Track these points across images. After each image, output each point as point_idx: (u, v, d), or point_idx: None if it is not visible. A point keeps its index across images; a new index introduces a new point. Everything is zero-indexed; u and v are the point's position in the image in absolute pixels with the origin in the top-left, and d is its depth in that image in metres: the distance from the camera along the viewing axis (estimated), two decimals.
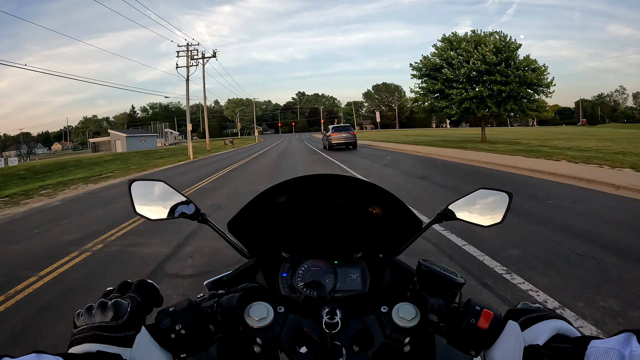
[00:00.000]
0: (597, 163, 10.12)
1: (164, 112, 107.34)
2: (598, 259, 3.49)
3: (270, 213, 0.86)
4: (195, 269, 3.74)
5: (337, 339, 0.60)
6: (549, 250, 3.81)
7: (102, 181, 13.24)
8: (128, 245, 4.67)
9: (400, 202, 0.82)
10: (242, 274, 0.81)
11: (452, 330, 0.58)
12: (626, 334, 0.41)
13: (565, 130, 46.55)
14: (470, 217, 0.85)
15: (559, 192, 6.99)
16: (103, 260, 4.20)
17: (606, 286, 2.91)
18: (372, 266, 0.84)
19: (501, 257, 3.60)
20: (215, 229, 0.84)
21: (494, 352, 0.54)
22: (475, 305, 0.57)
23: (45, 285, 3.56)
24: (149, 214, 0.82)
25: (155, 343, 0.52)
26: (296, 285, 0.78)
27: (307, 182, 0.82)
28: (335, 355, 0.57)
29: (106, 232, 5.38)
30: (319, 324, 0.62)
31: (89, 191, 10.79)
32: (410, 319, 0.60)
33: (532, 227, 4.59)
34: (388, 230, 0.87)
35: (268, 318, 0.59)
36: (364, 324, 0.64)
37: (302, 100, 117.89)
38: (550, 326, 0.50)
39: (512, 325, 0.53)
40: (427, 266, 0.63)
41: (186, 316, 0.55)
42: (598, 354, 0.41)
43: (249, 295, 0.62)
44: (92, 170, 18.98)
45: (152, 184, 0.84)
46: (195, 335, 0.54)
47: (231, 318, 0.58)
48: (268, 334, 0.59)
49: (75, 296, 3.24)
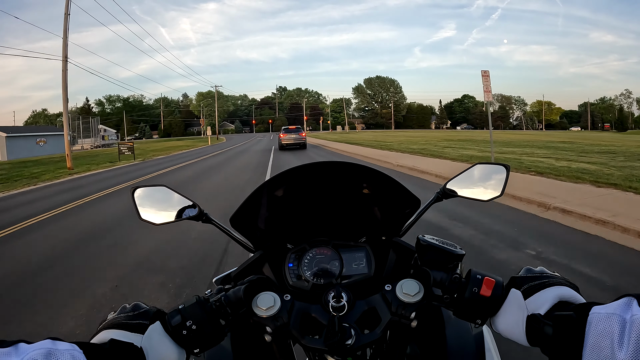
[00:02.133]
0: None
1: (125, 106, 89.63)
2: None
3: (271, 205, 0.86)
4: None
5: (345, 321, 0.61)
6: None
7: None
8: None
9: (397, 183, 0.81)
10: (248, 268, 0.81)
11: (456, 301, 0.59)
12: (627, 298, 0.41)
13: (602, 137, 33.85)
14: (470, 193, 0.87)
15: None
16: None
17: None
18: (376, 249, 0.84)
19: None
20: (219, 227, 0.86)
21: (498, 321, 0.55)
22: (477, 274, 0.58)
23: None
24: (154, 218, 0.84)
25: (168, 337, 0.54)
26: (303, 275, 0.79)
27: (305, 171, 0.82)
28: (344, 337, 0.58)
29: None
30: (326, 308, 0.63)
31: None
32: (414, 294, 0.61)
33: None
34: (388, 211, 0.88)
35: (275, 307, 0.60)
36: (370, 304, 0.65)
37: (283, 96, 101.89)
38: (553, 294, 0.51)
39: (514, 294, 0.54)
40: (426, 241, 0.64)
41: (195, 312, 0.56)
42: (600, 320, 0.41)
43: (255, 286, 0.63)
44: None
45: (155, 190, 0.86)
46: (206, 329, 0.56)
47: (239, 310, 0.59)
48: (277, 322, 0.60)
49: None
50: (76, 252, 4.42)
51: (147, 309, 0.56)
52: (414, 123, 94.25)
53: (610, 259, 3.54)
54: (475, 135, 39.19)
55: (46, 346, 0.40)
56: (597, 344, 0.41)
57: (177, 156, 22.64)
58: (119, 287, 3.32)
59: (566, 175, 7.87)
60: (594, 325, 0.42)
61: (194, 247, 4.31)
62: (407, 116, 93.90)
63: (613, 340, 0.39)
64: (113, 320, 0.53)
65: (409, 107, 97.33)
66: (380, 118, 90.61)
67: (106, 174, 14.04)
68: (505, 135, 36.85)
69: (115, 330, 0.51)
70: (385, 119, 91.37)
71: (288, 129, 23.63)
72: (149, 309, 0.56)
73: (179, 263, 3.83)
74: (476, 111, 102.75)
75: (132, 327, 0.52)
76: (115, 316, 0.54)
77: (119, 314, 0.54)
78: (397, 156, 14.73)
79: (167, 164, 17.25)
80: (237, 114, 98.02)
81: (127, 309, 0.56)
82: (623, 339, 0.38)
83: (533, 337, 0.49)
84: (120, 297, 3.11)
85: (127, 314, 0.54)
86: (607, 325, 0.40)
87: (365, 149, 19.91)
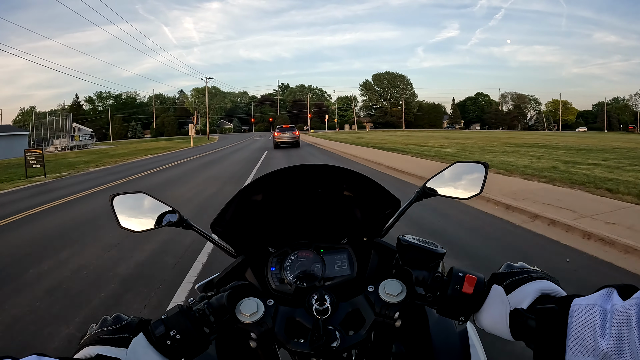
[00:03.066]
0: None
1: (118, 103, 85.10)
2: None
3: (251, 209, 0.85)
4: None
5: (329, 323, 0.61)
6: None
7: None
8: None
9: (376, 184, 0.82)
10: (231, 273, 0.81)
11: (439, 299, 0.59)
12: (607, 289, 0.43)
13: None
14: (450, 192, 0.88)
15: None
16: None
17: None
18: (357, 250, 0.84)
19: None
20: (200, 233, 0.86)
21: (482, 317, 0.55)
22: (458, 271, 0.58)
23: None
24: (134, 226, 0.83)
25: (152, 349, 0.53)
26: (286, 278, 0.79)
27: (284, 174, 0.81)
28: (329, 340, 0.59)
29: None
30: (310, 311, 0.63)
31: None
32: (397, 294, 0.61)
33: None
34: (369, 212, 0.88)
35: (259, 312, 0.60)
36: (353, 305, 0.65)
37: (285, 93, 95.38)
38: (534, 288, 0.52)
39: (496, 289, 0.54)
40: (407, 240, 0.65)
41: (179, 321, 0.56)
42: (581, 311, 0.42)
43: (238, 292, 0.63)
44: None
45: (134, 197, 0.85)
46: (190, 338, 0.55)
47: (223, 317, 0.59)
48: (261, 328, 0.60)
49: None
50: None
51: (129, 320, 0.55)
52: (424, 122, 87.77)
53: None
54: (519, 136, 32.62)
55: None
56: (579, 334, 0.41)
57: (131, 165, 16.96)
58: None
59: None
60: (576, 317, 0.43)
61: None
62: (417, 115, 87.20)
63: (595, 330, 0.40)
64: (95, 335, 0.52)
65: (419, 105, 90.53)
66: (390, 117, 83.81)
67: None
68: (554, 137, 30.24)
69: (99, 346, 0.50)
70: (395, 117, 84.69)
71: (282, 127, 24.32)
72: (130, 320, 0.55)
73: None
74: (491, 110, 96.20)
75: (115, 341, 0.51)
76: (98, 331, 0.53)
77: (101, 328, 0.53)
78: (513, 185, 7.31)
79: (91, 182, 11.52)
80: (236, 111, 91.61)
81: (108, 321, 0.54)
82: (605, 329, 0.39)
83: (517, 331, 0.50)
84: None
85: (109, 327, 0.53)
86: (589, 315, 0.41)
87: (410, 161, 12.97)
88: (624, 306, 0.39)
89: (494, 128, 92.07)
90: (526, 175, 8.44)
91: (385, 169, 11.48)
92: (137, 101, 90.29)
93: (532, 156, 13.17)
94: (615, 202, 5.53)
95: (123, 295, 3.19)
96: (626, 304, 0.39)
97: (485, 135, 38.91)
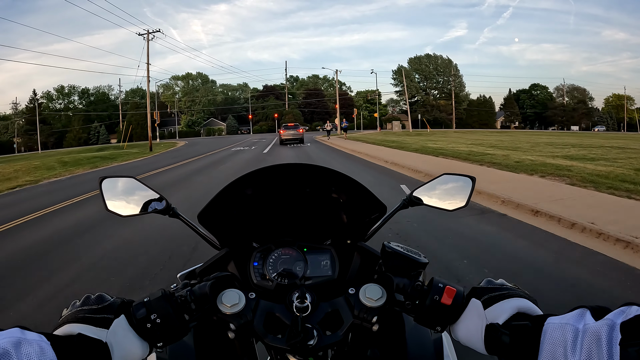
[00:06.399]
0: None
1: (87, 102, 69.58)
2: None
3: (239, 203, 0.88)
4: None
5: (308, 322, 0.64)
6: None
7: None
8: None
9: (364, 188, 0.85)
10: (214, 265, 0.83)
11: (417, 308, 0.61)
12: (580, 309, 0.45)
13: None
14: (436, 202, 0.91)
15: None
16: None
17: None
18: (340, 252, 0.88)
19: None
20: (185, 222, 0.89)
21: (458, 329, 0.57)
22: (439, 282, 0.60)
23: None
24: (120, 210, 0.86)
25: (132, 331, 0.55)
26: (267, 274, 0.82)
27: (274, 171, 0.85)
28: (307, 337, 0.61)
29: None
30: (290, 308, 0.66)
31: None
32: (377, 299, 0.64)
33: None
34: (354, 216, 0.91)
35: (240, 304, 0.63)
36: (333, 306, 0.68)
37: (295, 86, 75.47)
38: (512, 305, 0.53)
39: (474, 303, 0.56)
40: (391, 247, 0.67)
41: (161, 306, 0.56)
42: (554, 329, 0.45)
43: (221, 283, 0.65)
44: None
45: (123, 181, 0.88)
46: (171, 324, 0.56)
47: (204, 306, 0.61)
48: (241, 320, 0.62)
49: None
50: None
51: (111, 301, 0.56)
52: (474, 121, 66.80)
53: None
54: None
55: (15, 335, 0.41)
56: (551, 351, 0.43)
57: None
58: None
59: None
60: (549, 334, 0.44)
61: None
62: (467, 110, 65.98)
63: (566, 348, 0.42)
64: (77, 313, 0.53)
65: (469, 100, 69.51)
66: (439, 112, 62.46)
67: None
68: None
69: (80, 324, 0.51)
70: (445, 113, 63.27)
71: (287, 125, 26.41)
72: (113, 301, 0.56)
73: None
74: (556, 105, 75.04)
75: (96, 321, 0.52)
76: (80, 309, 0.54)
77: (82, 306, 0.54)
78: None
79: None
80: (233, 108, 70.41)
81: (91, 300, 0.55)
82: (576, 347, 0.41)
83: (491, 345, 0.51)
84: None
85: (92, 307, 0.54)
86: (561, 334, 0.43)
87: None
88: (595, 326, 0.41)
89: (562, 127, 71.12)
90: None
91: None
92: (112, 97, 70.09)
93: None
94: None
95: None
96: (597, 324, 0.41)
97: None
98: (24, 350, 0.40)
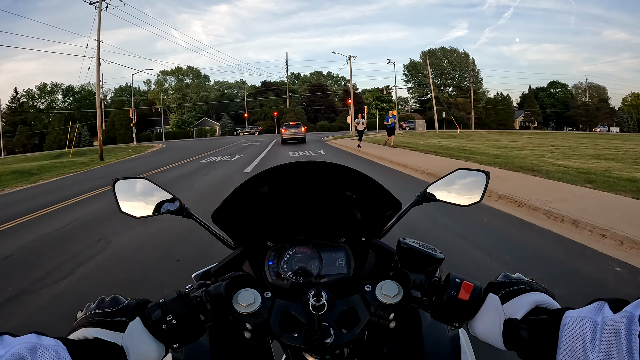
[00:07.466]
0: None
1: (72, 100, 63.51)
2: None
3: (253, 202, 0.88)
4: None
5: (324, 320, 0.63)
6: None
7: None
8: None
9: (378, 185, 0.85)
10: (228, 264, 0.83)
11: (434, 304, 0.61)
12: (599, 302, 0.45)
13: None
14: (450, 198, 0.90)
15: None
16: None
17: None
18: (355, 250, 0.87)
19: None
20: (199, 223, 0.89)
21: (475, 325, 0.57)
22: (455, 278, 0.60)
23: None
24: (134, 211, 0.86)
25: (148, 333, 0.55)
26: (282, 273, 0.82)
27: (288, 170, 0.85)
28: (323, 336, 0.60)
29: None
30: (306, 306, 0.65)
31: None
32: (394, 296, 0.63)
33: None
34: (369, 213, 0.91)
35: (256, 303, 0.62)
36: (349, 304, 0.67)
37: (297, 83, 70.14)
38: (529, 299, 0.53)
39: (492, 298, 0.55)
40: (407, 244, 0.67)
41: (176, 307, 0.56)
42: (573, 323, 0.44)
43: (236, 283, 0.65)
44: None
45: (136, 182, 0.88)
46: (186, 324, 0.56)
47: (220, 306, 0.61)
48: (257, 319, 0.62)
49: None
50: None
51: (126, 303, 0.55)
52: (491, 120, 60.88)
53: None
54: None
55: (31, 341, 0.40)
56: (570, 346, 0.43)
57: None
58: None
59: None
60: (567, 328, 0.44)
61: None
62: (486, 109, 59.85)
63: (585, 342, 0.42)
64: (92, 317, 0.52)
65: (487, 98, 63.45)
66: (458, 110, 56.35)
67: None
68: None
69: (96, 328, 0.50)
70: (464, 112, 57.20)
71: (289, 125, 26.28)
72: (128, 303, 0.56)
73: None
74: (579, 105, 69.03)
75: (112, 324, 0.51)
76: (95, 312, 0.53)
77: (97, 309, 0.54)
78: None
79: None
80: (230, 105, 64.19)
81: (105, 303, 0.55)
82: (595, 340, 0.41)
83: (509, 341, 0.51)
84: None
85: (106, 310, 0.53)
86: (580, 327, 0.43)
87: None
88: (614, 319, 0.40)
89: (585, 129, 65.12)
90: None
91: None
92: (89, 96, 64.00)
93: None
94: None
95: None
96: (616, 317, 0.40)
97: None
98: (40, 356, 0.39)
